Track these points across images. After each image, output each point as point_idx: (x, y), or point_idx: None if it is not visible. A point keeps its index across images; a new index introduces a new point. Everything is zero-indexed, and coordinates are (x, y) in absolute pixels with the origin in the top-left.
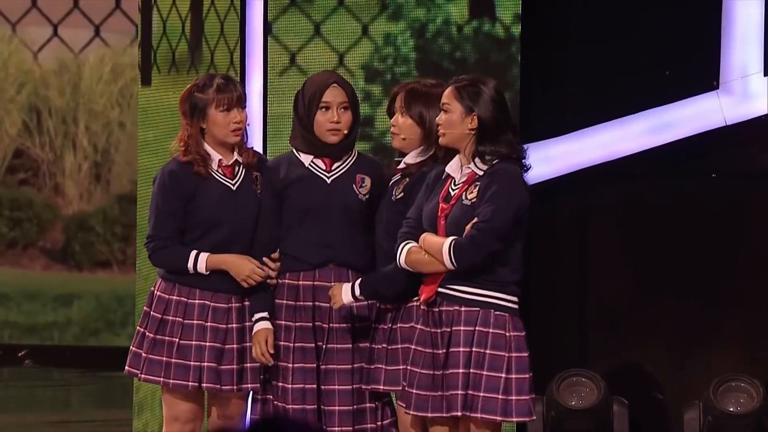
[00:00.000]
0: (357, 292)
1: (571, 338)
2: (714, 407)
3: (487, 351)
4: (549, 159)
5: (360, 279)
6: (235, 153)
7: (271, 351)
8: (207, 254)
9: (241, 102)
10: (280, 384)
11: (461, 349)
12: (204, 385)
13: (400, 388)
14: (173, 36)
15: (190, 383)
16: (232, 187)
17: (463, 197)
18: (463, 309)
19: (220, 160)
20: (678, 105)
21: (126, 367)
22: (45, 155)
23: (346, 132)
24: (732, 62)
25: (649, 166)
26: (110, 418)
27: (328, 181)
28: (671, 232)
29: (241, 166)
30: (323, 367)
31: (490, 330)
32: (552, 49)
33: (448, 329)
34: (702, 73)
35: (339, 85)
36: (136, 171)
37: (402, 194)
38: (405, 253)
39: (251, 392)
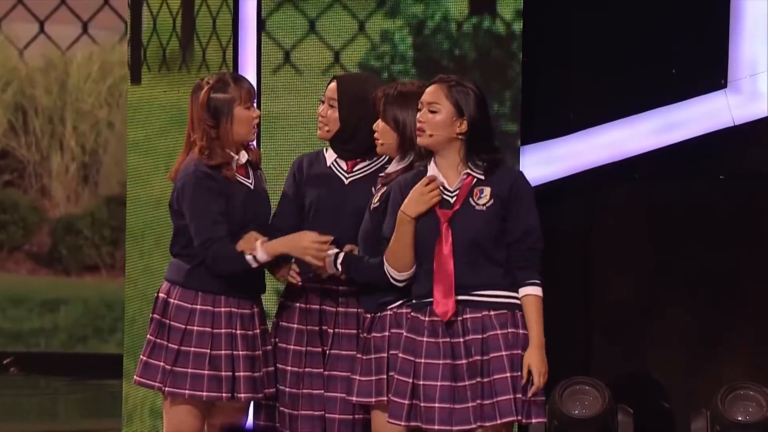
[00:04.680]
0: (339, 266)
1: (574, 344)
2: (722, 416)
3: (523, 353)
4: (553, 160)
5: (344, 254)
6: (243, 153)
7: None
8: (261, 245)
9: (255, 96)
10: (288, 389)
11: (503, 353)
12: (242, 395)
13: (373, 400)
14: (164, 33)
15: (224, 394)
16: (250, 186)
17: (472, 202)
18: (492, 313)
19: (237, 160)
20: (685, 104)
21: (138, 378)
22: (31, 156)
23: (329, 129)
24: (740, 60)
25: (655, 167)
26: (99, 428)
27: (346, 182)
28: (678, 235)
29: (249, 165)
30: (326, 373)
31: (520, 331)
32: (555, 47)
33: (478, 336)
34: (710, 71)
35: (336, 80)
36: (125, 172)
37: (378, 204)
38: (385, 259)
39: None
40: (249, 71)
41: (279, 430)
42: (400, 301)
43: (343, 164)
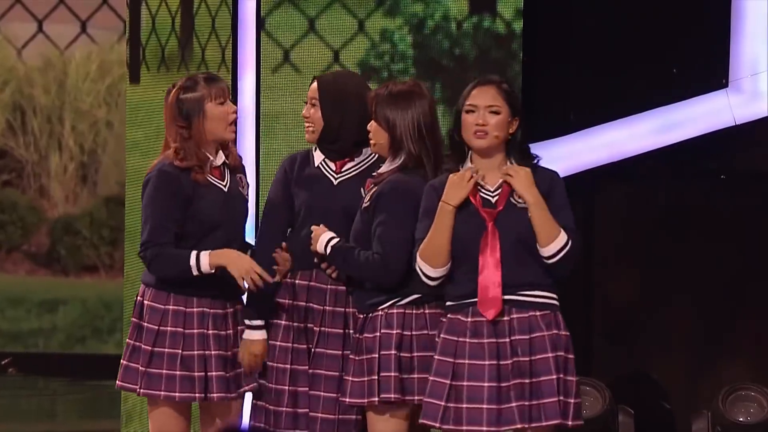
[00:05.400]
0: (328, 250)
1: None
2: (723, 417)
3: (568, 355)
4: (552, 160)
5: (339, 240)
6: (221, 154)
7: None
8: (207, 252)
9: (229, 93)
10: (274, 386)
11: (549, 355)
12: (214, 395)
13: (365, 401)
14: (163, 32)
15: (197, 395)
16: (224, 189)
17: (514, 201)
18: (538, 314)
19: (211, 161)
20: (686, 104)
21: (119, 382)
22: (29, 156)
23: (314, 129)
24: (741, 59)
25: (656, 167)
26: (97, 429)
27: (335, 182)
28: (679, 236)
29: (226, 168)
30: (311, 371)
31: (561, 332)
32: (555, 46)
33: (525, 336)
34: (711, 70)
35: (316, 80)
36: (124, 172)
37: (368, 203)
38: (419, 257)
39: (250, 399)
40: (248, 70)
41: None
42: (391, 302)
43: (332, 164)
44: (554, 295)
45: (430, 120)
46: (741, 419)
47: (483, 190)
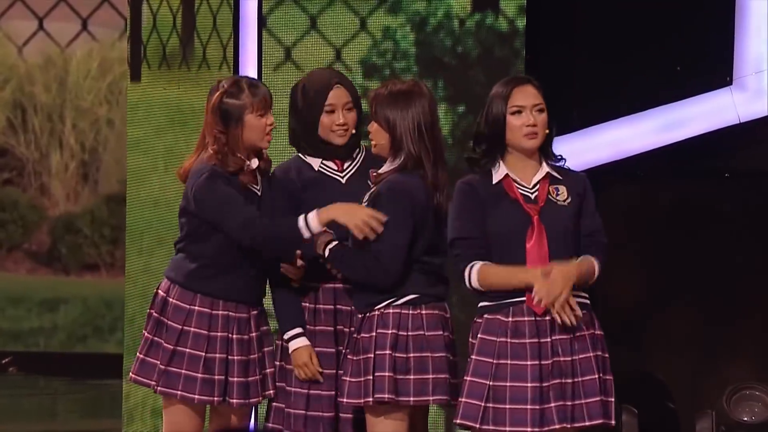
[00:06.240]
0: (326, 253)
1: None
2: (727, 416)
3: (604, 354)
4: None
5: (338, 242)
6: (255, 159)
7: (319, 369)
8: (314, 212)
9: (271, 103)
10: (296, 390)
11: (591, 354)
12: (234, 401)
13: (362, 401)
14: (164, 30)
15: (215, 398)
16: (258, 193)
17: (553, 198)
18: (577, 313)
19: (248, 165)
20: (690, 101)
21: (134, 375)
22: (30, 154)
23: (353, 131)
24: (745, 57)
25: (659, 165)
26: (99, 428)
27: (343, 181)
28: (683, 234)
29: (259, 172)
30: (341, 373)
31: (597, 332)
32: (558, 44)
33: (567, 336)
34: (715, 68)
35: (342, 84)
36: (125, 170)
37: (366, 203)
38: (477, 272)
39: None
40: (250, 69)
41: None
42: (387, 302)
43: (333, 165)
44: (587, 295)
45: (430, 119)
46: (745, 419)
47: (521, 187)
